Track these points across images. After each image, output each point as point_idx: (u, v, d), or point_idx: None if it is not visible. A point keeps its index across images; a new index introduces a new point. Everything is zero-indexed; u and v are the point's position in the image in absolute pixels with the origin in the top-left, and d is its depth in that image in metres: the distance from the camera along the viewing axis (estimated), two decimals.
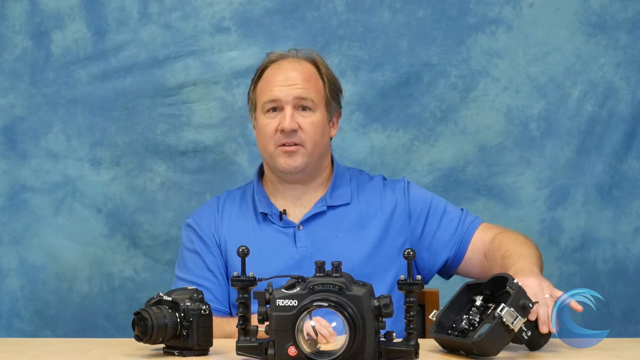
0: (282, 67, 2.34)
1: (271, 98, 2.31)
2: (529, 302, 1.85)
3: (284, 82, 2.32)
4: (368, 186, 2.41)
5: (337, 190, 2.38)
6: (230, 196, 2.43)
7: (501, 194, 2.94)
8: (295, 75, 2.33)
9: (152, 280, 2.92)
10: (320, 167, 2.38)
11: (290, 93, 2.30)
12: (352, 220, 2.35)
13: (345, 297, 1.72)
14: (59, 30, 2.93)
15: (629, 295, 2.95)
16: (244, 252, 1.84)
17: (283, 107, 2.30)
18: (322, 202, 2.36)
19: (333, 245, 2.30)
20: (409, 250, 1.78)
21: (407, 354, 1.77)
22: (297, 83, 2.32)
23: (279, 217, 2.34)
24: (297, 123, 2.30)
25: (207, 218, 2.39)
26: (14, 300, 2.93)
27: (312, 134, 2.31)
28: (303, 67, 2.35)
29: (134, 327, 1.90)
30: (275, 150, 2.31)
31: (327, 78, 2.38)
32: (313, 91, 2.33)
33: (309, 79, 2.34)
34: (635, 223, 2.95)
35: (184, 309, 1.90)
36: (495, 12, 2.93)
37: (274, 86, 2.32)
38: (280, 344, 1.74)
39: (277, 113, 2.31)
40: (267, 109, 2.32)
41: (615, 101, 2.94)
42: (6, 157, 2.94)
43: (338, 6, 2.94)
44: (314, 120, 2.32)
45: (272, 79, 2.34)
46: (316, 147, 2.32)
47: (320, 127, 2.33)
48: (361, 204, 2.37)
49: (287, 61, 2.36)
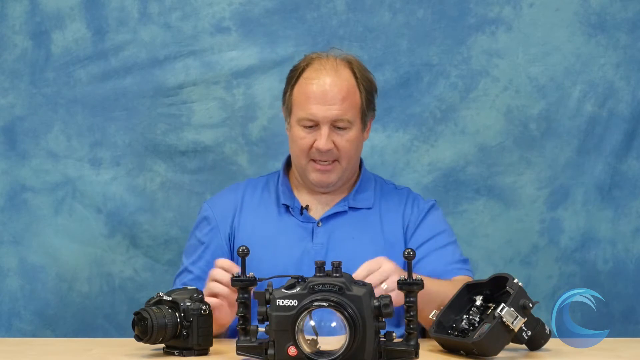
0: (321, 81, 2.29)
1: (308, 117, 2.29)
2: (529, 302, 1.86)
3: (322, 100, 2.28)
4: (392, 195, 2.42)
5: (362, 194, 2.39)
6: (251, 184, 2.44)
7: (501, 194, 2.94)
8: (333, 94, 2.28)
9: (152, 280, 2.92)
10: (351, 175, 2.39)
11: (328, 115, 2.28)
12: (370, 224, 2.35)
13: (345, 297, 1.72)
14: (59, 30, 2.93)
15: (629, 295, 2.95)
16: (244, 252, 1.84)
17: (320, 125, 2.29)
18: (344, 202, 2.37)
19: (349, 245, 2.31)
20: (409, 250, 1.78)
21: (407, 354, 1.78)
22: (335, 103, 2.28)
23: (300, 211, 2.35)
24: (332, 142, 2.29)
25: (225, 207, 2.40)
26: (14, 300, 2.93)
27: (348, 150, 2.31)
28: (342, 80, 2.30)
29: (134, 327, 1.90)
30: (308, 164, 2.32)
31: (364, 85, 2.34)
32: (350, 109, 2.30)
33: (347, 96, 2.30)
34: (635, 223, 2.95)
35: (184, 309, 1.90)
36: (495, 12, 2.93)
37: (312, 104, 2.28)
38: (280, 344, 1.74)
39: (313, 130, 2.30)
40: (303, 124, 2.31)
41: (615, 101, 2.94)
42: (6, 157, 2.94)
43: (338, 6, 2.94)
44: (350, 137, 2.31)
45: (310, 93, 2.29)
46: (350, 161, 2.33)
47: (355, 142, 2.33)
48: (382, 211, 2.38)
49: (325, 72, 2.30)
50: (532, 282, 2.90)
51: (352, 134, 2.32)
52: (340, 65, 2.33)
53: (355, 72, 2.34)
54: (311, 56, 2.37)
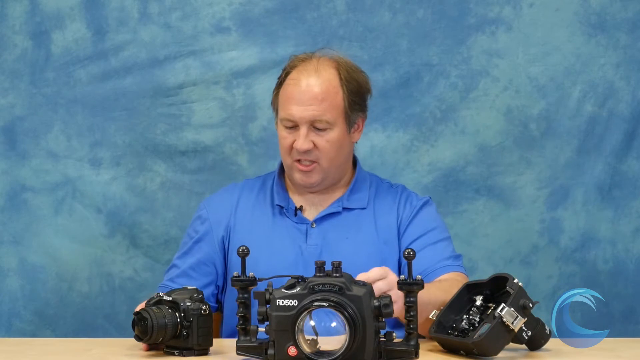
0: (301, 83, 2.29)
1: (287, 117, 2.30)
2: (529, 302, 1.86)
3: (300, 100, 2.28)
4: (386, 194, 2.41)
5: (356, 194, 2.39)
6: (248, 185, 2.44)
7: (501, 194, 2.94)
8: (312, 95, 2.28)
9: (152, 280, 2.92)
10: (339, 175, 2.38)
11: (305, 115, 2.28)
12: (364, 224, 2.35)
13: (345, 297, 1.72)
14: (59, 30, 2.93)
15: (629, 295, 2.95)
16: (244, 252, 1.84)
17: (299, 125, 2.29)
18: (338, 203, 2.37)
19: (343, 246, 2.31)
20: (409, 250, 1.78)
21: (407, 354, 1.77)
22: (312, 104, 2.27)
23: (294, 212, 2.35)
24: (312, 142, 2.29)
25: (220, 207, 2.41)
26: (14, 300, 2.93)
27: (327, 151, 2.31)
28: (322, 81, 2.29)
29: (134, 327, 1.90)
30: (293, 164, 2.33)
31: (348, 86, 2.32)
32: (329, 110, 2.29)
33: (326, 97, 2.29)
34: (635, 223, 2.95)
35: (184, 309, 1.90)
36: (495, 12, 2.93)
37: (291, 105, 2.29)
38: (280, 344, 1.74)
39: (294, 130, 2.30)
40: (284, 124, 2.32)
41: (615, 101, 2.94)
42: (6, 157, 2.94)
43: (338, 6, 2.94)
44: (330, 138, 2.30)
45: (289, 94, 2.30)
46: (332, 162, 2.32)
47: (336, 143, 2.32)
48: (376, 211, 2.37)
49: (306, 73, 2.30)
50: (532, 282, 2.91)
51: (333, 135, 2.30)
52: (324, 65, 2.32)
53: (340, 73, 2.32)
54: (298, 57, 2.36)
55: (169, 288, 2.16)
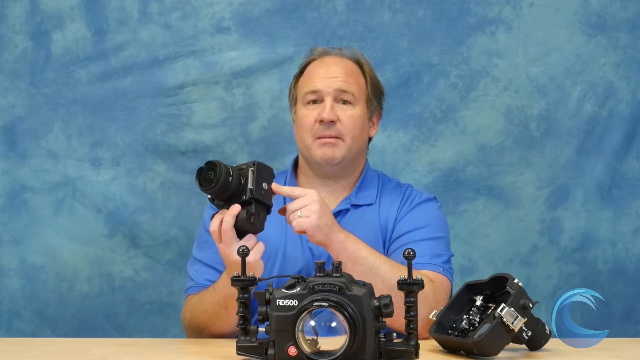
0: (325, 62, 2.39)
1: (312, 89, 2.35)
2: (529, 302, 1.85)
3: (326, 74, 2.36)
4: (393, 192, 2.42)
5: (364, 192, 2.40)
6: None
7: (501, 194, 2.94)
8: (337, 69, 2.37)
9: (152, 280, 2.92)
10: (355, 165, 2.41)
11: (331, 85, 2.34)
12: (370, 220, 2.36)
13: (346, 297, 1.72)
14: (59, 30, 2.93)
15: (629, 295, 2.95)
16: (244, 252, 1.84)
17: (323, 98, 2.34)
18: (347, 200, 2.39)
19: None
20: (409, 250, 1.78)
21: (407, 354, 1.77)
22: (339, 76, 2.35)
23: None
24: (336, 115, 2.33)
25: None
26: (14, 300, 2.93)
27: (351, 127, 2.34)
28: (345, 63, 2.39)
29: (199, 176, 2.01)
30: (313, 142, 2.34)
31: (370, 77, 2.42)
32: (354, 85, 2.37)
33: (351, 74, 2.38)
34: (635, 223, 2.95)
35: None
36: (495, 12, 2.93)
37: (316, 78, 2.36)
38: (281, 344, 1.74)
39: (317, 105, 2.35)
40: (307, 100, 2.36)
41: (615, 101, 2.94)
42: (6, 157, 2.94)
43: (338, 6, 2.94)
44: (354, 114, 2.35)
45: (314, 72, 2.38)
46: (355, 141, 2.35)
47: (359, 121, 2.36)
48: (382, 207, 2.38)
49: (329, 57, 2.41)
50: (532, 282, 2.90)
51: (356, 111, 2.35)
52: (348, 55, 2.42)
53: (362, 65, 2.42)
54: (316, 49, 2.46)
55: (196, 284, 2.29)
